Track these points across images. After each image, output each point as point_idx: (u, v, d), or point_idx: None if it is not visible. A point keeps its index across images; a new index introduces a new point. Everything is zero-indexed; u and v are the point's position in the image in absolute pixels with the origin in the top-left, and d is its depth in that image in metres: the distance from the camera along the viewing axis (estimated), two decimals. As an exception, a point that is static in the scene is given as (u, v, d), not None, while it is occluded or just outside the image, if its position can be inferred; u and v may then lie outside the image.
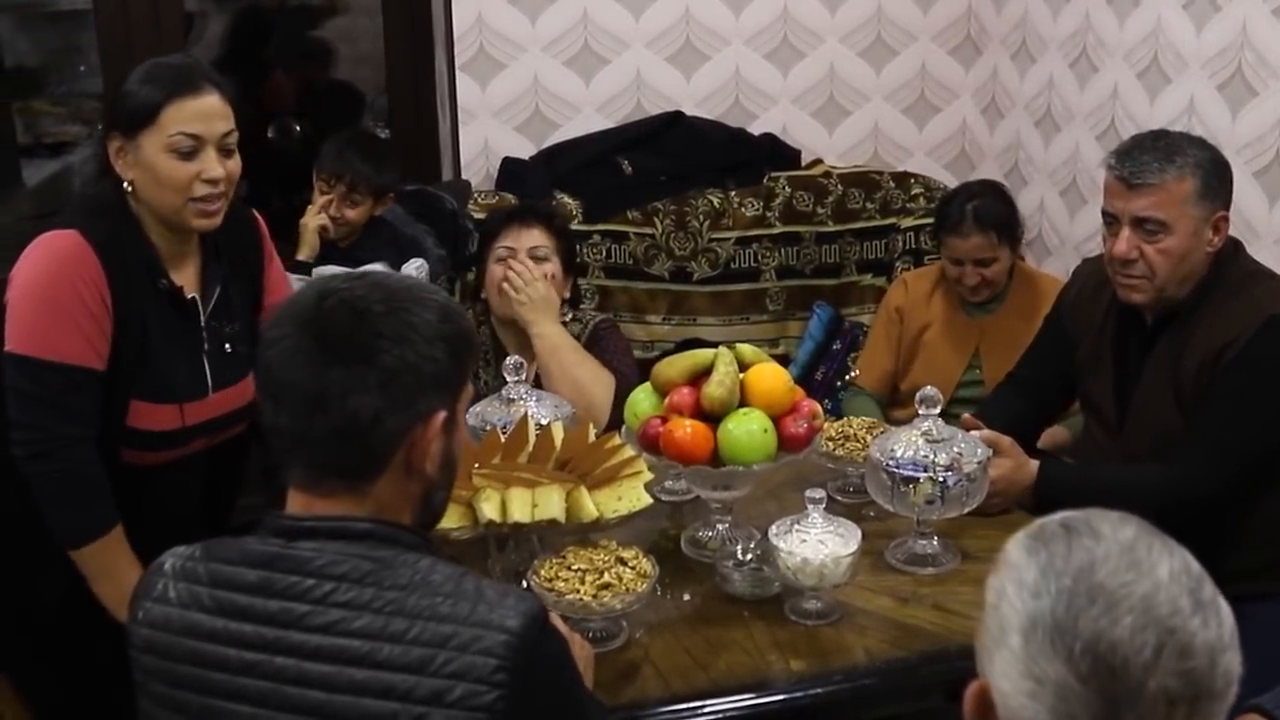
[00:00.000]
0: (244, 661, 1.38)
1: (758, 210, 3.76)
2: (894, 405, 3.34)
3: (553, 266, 2.87)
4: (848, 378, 3.53)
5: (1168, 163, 2.30)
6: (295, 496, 1.45)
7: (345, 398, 1.37)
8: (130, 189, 2.14)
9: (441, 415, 1.42)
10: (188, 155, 2.10)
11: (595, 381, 2.73)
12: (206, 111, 2.11)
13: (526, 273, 2.81)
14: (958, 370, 3.23)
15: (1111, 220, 2.39)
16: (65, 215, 2.17)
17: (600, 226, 3.65)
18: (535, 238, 2.88)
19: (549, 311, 2.81)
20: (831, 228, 3.82)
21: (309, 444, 1.40)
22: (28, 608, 2.24)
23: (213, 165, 2.11)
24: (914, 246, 3.82)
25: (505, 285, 2.81)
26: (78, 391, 2.08)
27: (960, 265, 3.21)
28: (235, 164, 2.16)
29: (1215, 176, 2.32)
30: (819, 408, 2.17)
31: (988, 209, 3.18)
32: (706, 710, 1.83)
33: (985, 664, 1.14)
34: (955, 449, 2.12)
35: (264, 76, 4.54)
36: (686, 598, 2.10)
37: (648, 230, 3.70)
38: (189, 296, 2.22)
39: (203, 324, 2.23)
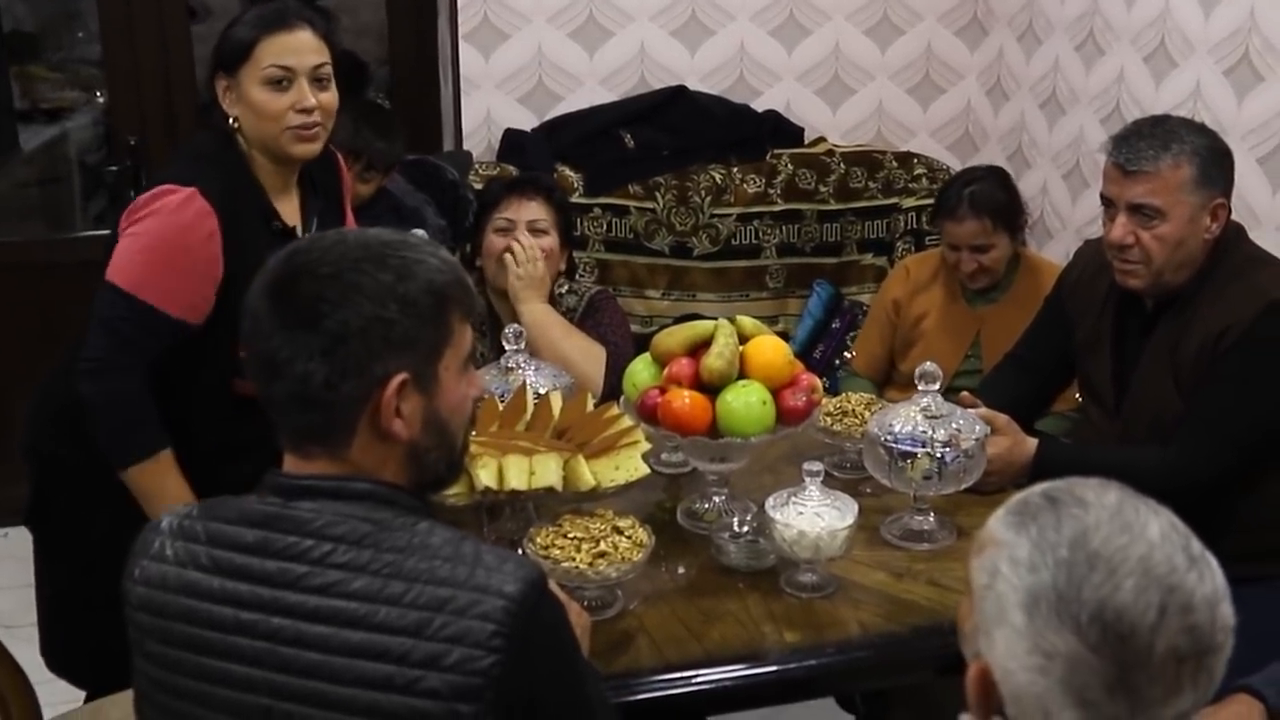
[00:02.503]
0: (240, 621, 1.37)
1: (759, 187, 3.75)
2: (890, 386, 3.34)
3: (551, 240, 2.87)
4: (845, 355, 3.53)
5: (1164, 150, 2.29)
6: (288, 459, 1.45)
7: (293, 364, 1.37)
8: (236, 125, 2.26)
9: (400, 379, 1.39)
10: (281, 87, 2.22)
11: (583, 356, 2.74)
12: (297, 45, 2.23)
13: (530, 249, 2.81)
14: (955, 359, 3.22)
15: (1109, 205, 2.39)
16: (180, 164, 2.28)
17: (601, 200, 3.65)
18: (534, 210, 2.87)
19: (539, 289, 2.82)
20: (833, 206, 3.82)
21: (277, 409, 1.41)
22: (76, 541, 2.34)
23: (305, 95, 2.22)
24: (915, 227, 3.82)
25: (507, 256, 2.81)
26: (155, 336, 2.21)
27: (957, 251, 3.19)
28: (330, 95, 2.28)
29: (1213, 164, 2.31)
30: (818, 381, 2.17)
31: (985, 195, 3.17)
32: (700, 680, 1.84)
33: (983, 646, 1.14)
34: (953, 425, 2.12)
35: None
36: (681, 570, 2.10)
37: (649, 205, 3.69)
38: (297, 231, 2.33)
39: None
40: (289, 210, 2.34)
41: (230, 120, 2.26)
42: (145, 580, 1.43)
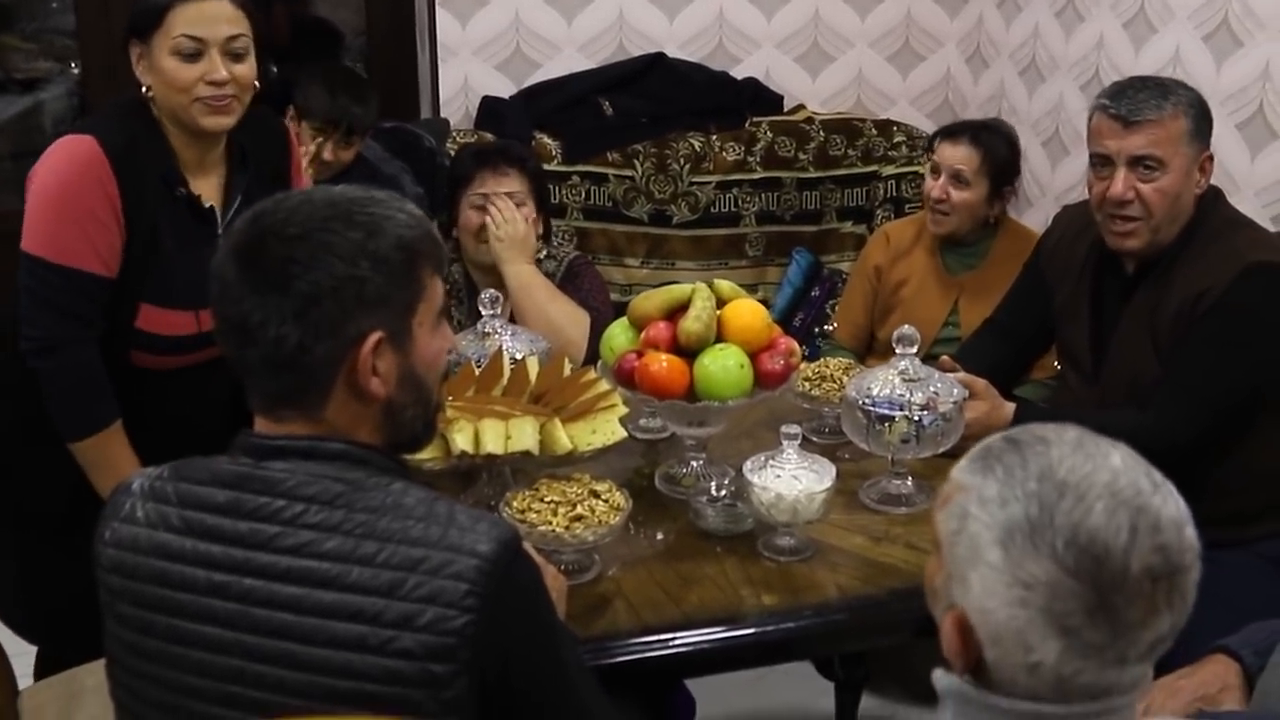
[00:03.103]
0: (212, 582, 1.36)
1: (739, 155, 3.74)
2: (870, 355, 3.33)
3: (527, 210, 2.84)
4: (826, 328, 3.51)
5: (1164, 99, 2.29)
6: (259, 421, 1.44)
7: (265, 327, 1.36)
8: (150, 94, 2.20)
9: (375, 336, 1.38)
10: (192, 57, 2.15)
11: (569, 320, 2.70)
12: (210, 15, 2.16)
13: (507, 210, 2.79)
14: (934, 326, 3.21)
15: (1104, 163, 2.37)
16: (89, 120, 2.26)
17: (579, 168, 3.63)
18: (509, 184, 2.83)
19: (524, 250, 2.78)
20: (812, 174, 3.81)
21: (249, 374, 1.40)
22: (37, 500, 2.31)
23: (216, 67, 2.15)
24: (895, 195, 3.82)
25: (488, 220, 2.78)
26: (79, 294, 2.15)
27: (937, 177, 3.15)
28: (245, 68, 2.19)
29: (1202, 117, 2.33)
30: (796, 345, 2.16)
31: (989, 135, 3.14)
32: (677, 642, 1.83)
33: (957, 594, 1.14)
34: (931, 389, 2.11)
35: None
36: (660, 535, 2.10)
37: (627, 172, 3.67)
38: (207, 205, 2.25)
39: (219, 232, 2.24)
40: (206, 186, 2.27)
41: (144, 89, 2.20)
42: (116, 543, 1.42)
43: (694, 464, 2.21)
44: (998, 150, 3.12)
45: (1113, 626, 1.06)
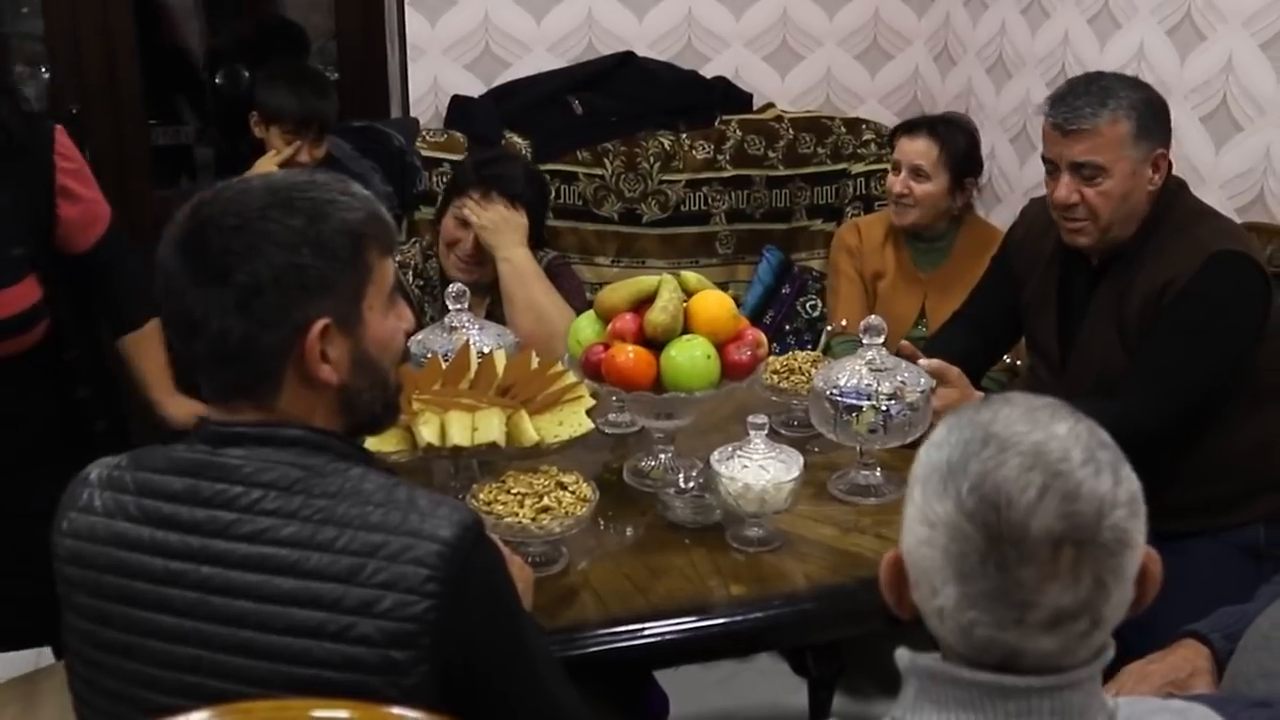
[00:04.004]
0: (169, 571, 1.35)
1: (708, 153, 3.73)
2: None
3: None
4: (830, 328, 3.45)
5: (1101, 106, 2.30)
6: (213, 409, 1.42)
7: (209, 321, 1.34)
8: None
9: (321, 323, 1.36)
10: None
11: (559, 311, 2.64)
12: None
13: (478, 207, 2.75)
14: (906, 323, 3.22)
15: (1051, 166, 2.39)
16: None
17: (549, 166, 3.61)
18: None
19: (516, 235, 2.72)
20: (782, 172, 3.80)
21: (198, 367, 1.39)
22: None
23: None
24: (864, 192, 3.82)
25: (467, 212, 2.74)
26: None
27: (897, 172, 3.16)
28: None
29: (1150, 116, 2.32)
30: (763, 336, 2.16)
31: (947, 129, 3.16)
32: (646, 633, 1.82)
33: (902, 536, 1.16)
34: (899, 378, 2.11)
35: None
36: (629, 531, 2.09)
37: (597, 171, 3.66)
38: None
39: None
40: None
41: None
42: (74, 533, 1.41)
43: (662, 457, 2.20)
44: (956, 142, 3.14)
45: (1003, 579, 1.05)
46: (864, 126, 3.89)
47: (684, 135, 3.73)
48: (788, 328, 3.69)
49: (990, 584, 1.06)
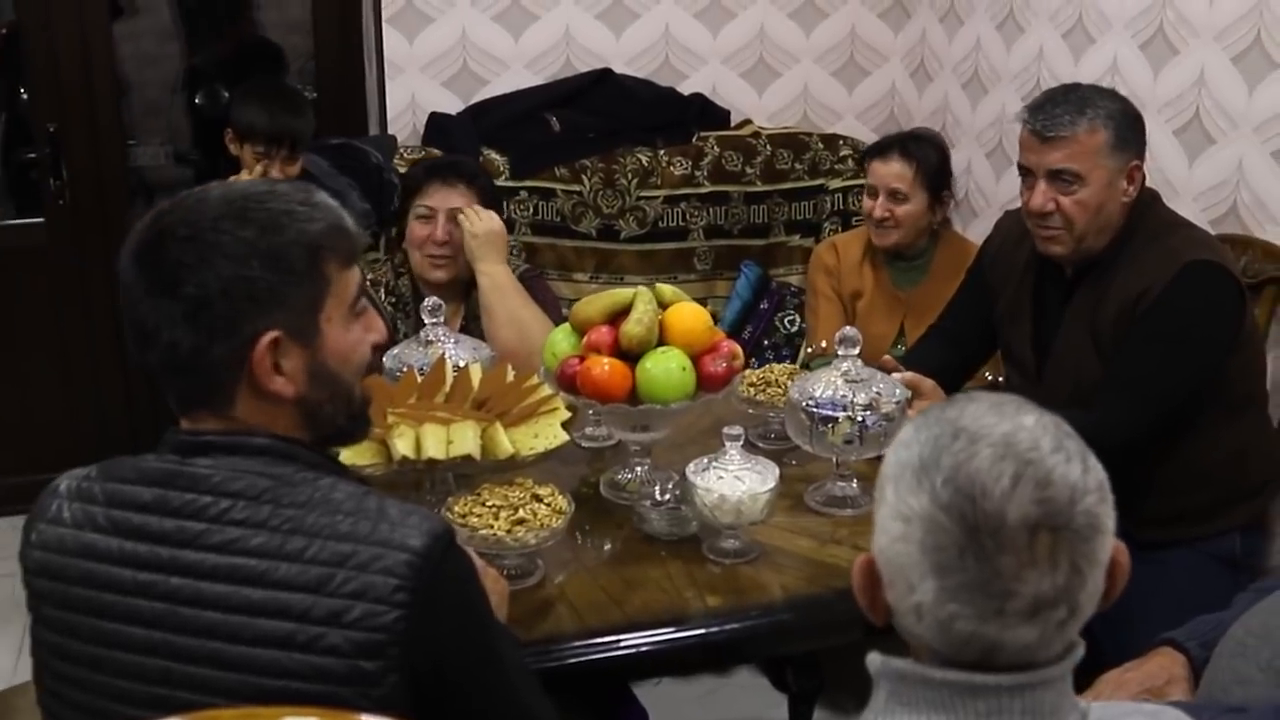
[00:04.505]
0: (138, 582, 1.34)
1: (686, 169, 3.74)
2: None
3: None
4: (809, 349, 3.44)
5: (1079, 115, 2.31)
6: (182, 419, 1.42)
7: (160, 332, 1.34)
8: None
9: (269, 336, 1.35)
10: None
11: (540, 326, 2.63)
12: None
13: (482, 209, 2.75)
14: (885, 343, 3.22)
15: (1027, 174, 2.40)
16: None
17: (527, 183, 3.62)
18: (455, 198, 2.79)
19: (499, 249, 2.74)
20: (760, 188, 3.81)
21: (156, 376, 1.38)
22: None
23: None
24: (842, 208, 3.83)
25: (461, 217, 2.75)
26: None
27: (875, 198, 3.16)
28: None
29: (1127, 127, 2.34)
30: (738, 348, 2.16)
31: (918, 146, 3.16)
32: (622, 645, 1.82)
33: (873, 541, 1.16)
34: (874, 389, 2.11)
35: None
36: (607, 546, 2.08)
37: (575, 188, 3.66)
38: None
39: None
40: None
41: None
42: (42, 544, 1.40)
43: (639, 470, 2.20)
44: (929, 159, 3.14)
45: (982, 570, 1.06)
46: (841, 142, 3.91)
47: (662, 152, 3.74)
48: (766, 343, 3.69)
49: (969, 575, 1.06)
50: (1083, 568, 1.07)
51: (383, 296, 2.85)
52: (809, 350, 3.39)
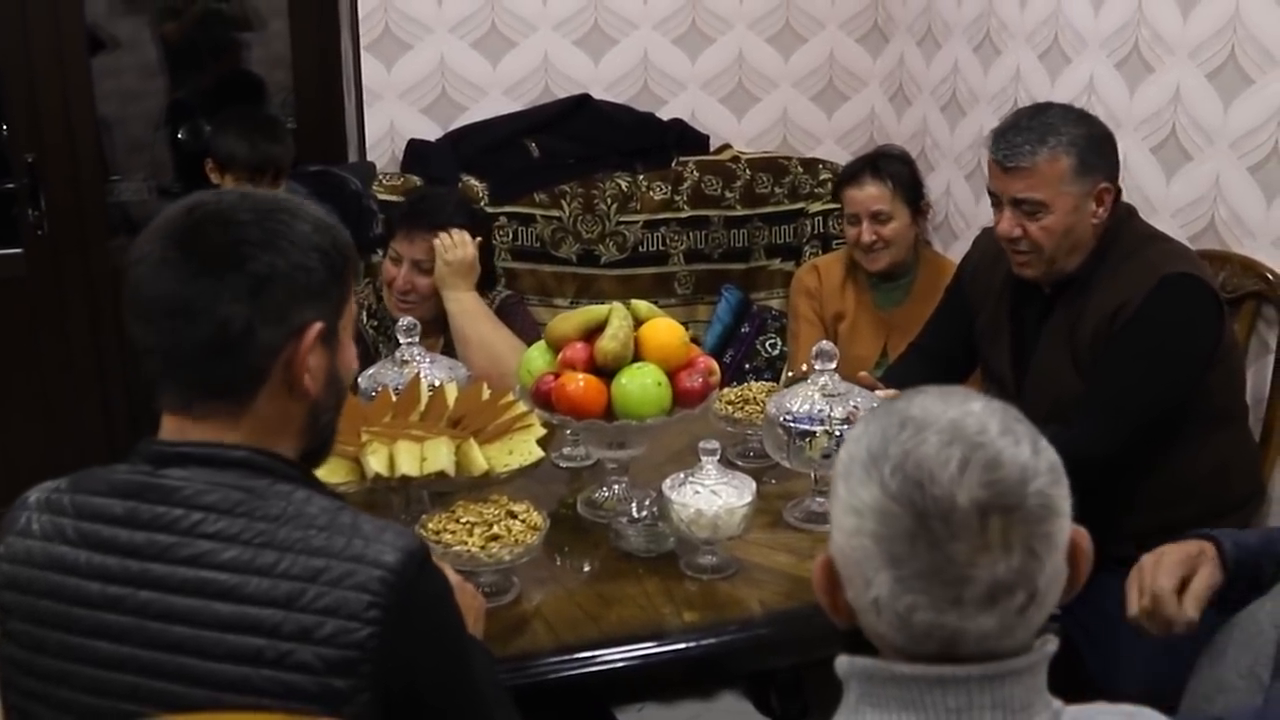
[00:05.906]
0: (106, 596, 1.32)
1: (666, 194, 3.75)
2: None
3: (429, 281, 2.78)
4: (790, 374, 3.43)
5: (1040, 144, 2.32)
6: (169, 421, 1.39)
7: (214, 307, 1.32)
8: None
9: (318, 326, 1.36)
10: None
11: (512, 349, 2.63)
12: None
13: (457, 235, 2.75)
14: (868, 364, 3.21)
15: (995, 199, 2.42)
16: None
17: (507, 209, 3.62)
18: (417, 251, 2.77)
19: (467, 277, 2.75)
20: (740, 212, 3.82)
21: (179, 362, 1.35)
22: None
23: None
24: (822, 231, 3.84)
25: (436, 243, 2.74)
26: None
27: (858, 225, 3.18)
28: None
29: (1092, 151, 2.34)
30: (715, 364, 2.15)
31: (888, 164, 3.19)
32: (598, 660, 1.81)
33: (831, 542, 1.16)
34: (851, 403, 2.11)
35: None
36: (586, 566, 2.07)
37: (555, 213, 3.67)
38: None
39: None
40: None
41: None
42: (10, 557, 1.38)
43: (616, 488, 2.19)
44: (900, 174, 3.18)
45: (935, 556, 1.05)
46: (821, 166, 3.92)
47: (641, 176, 3.75)
48: (748, 366, 3.69)
49: (922, 563, 1.05)
50: (1038, 550, 1.06)
51: (364, 320, 2.85)
52: (789, 374, 3.37)
